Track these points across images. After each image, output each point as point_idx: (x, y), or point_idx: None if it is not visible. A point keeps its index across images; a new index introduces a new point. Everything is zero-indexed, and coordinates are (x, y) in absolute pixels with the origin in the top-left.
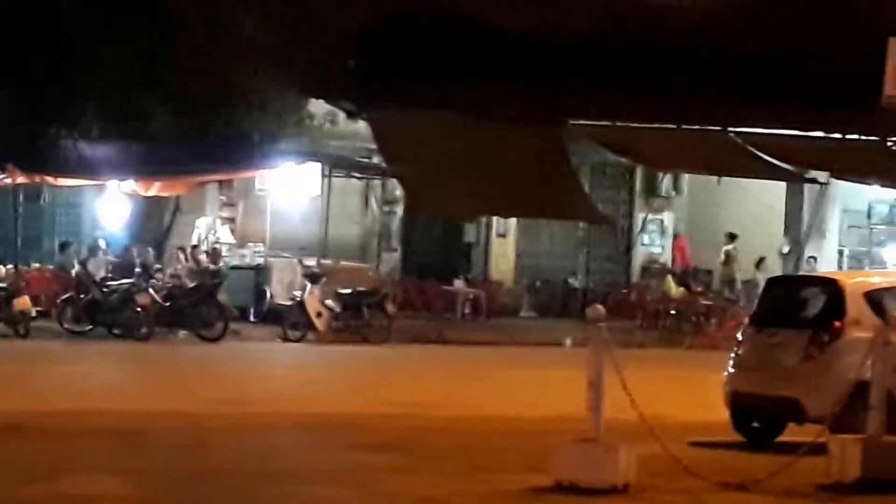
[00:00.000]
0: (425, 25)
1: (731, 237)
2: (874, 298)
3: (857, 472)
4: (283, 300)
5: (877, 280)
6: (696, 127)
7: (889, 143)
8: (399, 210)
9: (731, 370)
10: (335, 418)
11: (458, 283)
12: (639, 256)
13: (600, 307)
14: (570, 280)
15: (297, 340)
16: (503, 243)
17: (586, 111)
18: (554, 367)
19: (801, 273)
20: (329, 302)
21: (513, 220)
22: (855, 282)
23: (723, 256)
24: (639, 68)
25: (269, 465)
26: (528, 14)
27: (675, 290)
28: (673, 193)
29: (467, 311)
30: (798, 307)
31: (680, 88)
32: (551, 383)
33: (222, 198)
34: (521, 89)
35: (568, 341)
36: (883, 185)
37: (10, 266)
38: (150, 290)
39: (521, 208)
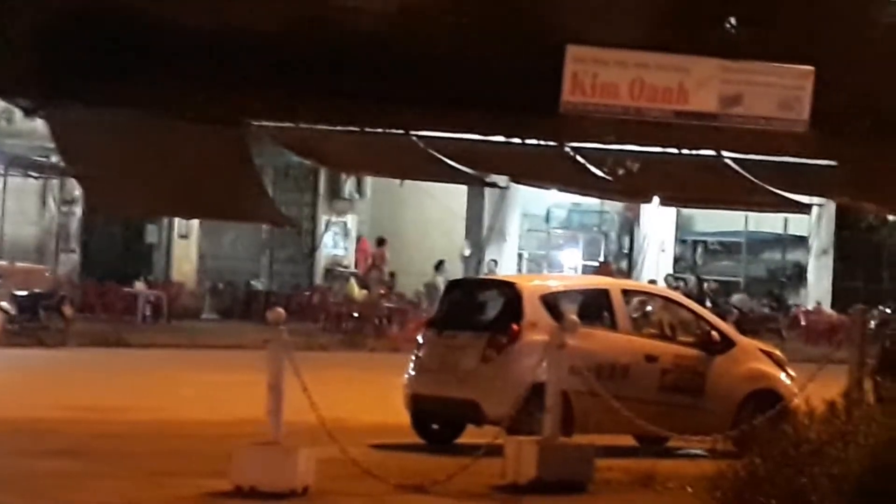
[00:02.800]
0: (108, 22)
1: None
2: (551, 302)
3: (532, 472)
4: None
5: (554, 283)
6: (379, 130)
7: (567, 149)
8: (78, 210)
9: (412, 372)
10: (9, 424)
11: (139, 285)
12: (322, 259)
13: (281, 310)
14: (253, 282)
15: None
16: (185, 244)
17: (270, 112)
18: (236, 370)
19: (481, 276)
20: (3, 304)
21: (195, 222)
22: (532, 285)
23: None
24: (323, 70)
25: None
26: (214, 13)
27: (357, 292)
28: (356, 196)
29: (148, 313)
30: (477, 310)
31: (364, 91)
32: (234, 386)
33: None
34: (205, 89)
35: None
36: (561, 190)
37: None
38: None
39: (202, 209)
